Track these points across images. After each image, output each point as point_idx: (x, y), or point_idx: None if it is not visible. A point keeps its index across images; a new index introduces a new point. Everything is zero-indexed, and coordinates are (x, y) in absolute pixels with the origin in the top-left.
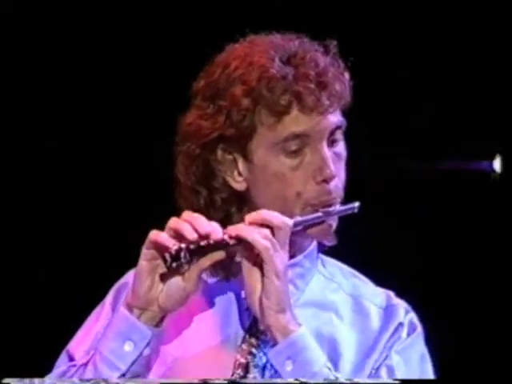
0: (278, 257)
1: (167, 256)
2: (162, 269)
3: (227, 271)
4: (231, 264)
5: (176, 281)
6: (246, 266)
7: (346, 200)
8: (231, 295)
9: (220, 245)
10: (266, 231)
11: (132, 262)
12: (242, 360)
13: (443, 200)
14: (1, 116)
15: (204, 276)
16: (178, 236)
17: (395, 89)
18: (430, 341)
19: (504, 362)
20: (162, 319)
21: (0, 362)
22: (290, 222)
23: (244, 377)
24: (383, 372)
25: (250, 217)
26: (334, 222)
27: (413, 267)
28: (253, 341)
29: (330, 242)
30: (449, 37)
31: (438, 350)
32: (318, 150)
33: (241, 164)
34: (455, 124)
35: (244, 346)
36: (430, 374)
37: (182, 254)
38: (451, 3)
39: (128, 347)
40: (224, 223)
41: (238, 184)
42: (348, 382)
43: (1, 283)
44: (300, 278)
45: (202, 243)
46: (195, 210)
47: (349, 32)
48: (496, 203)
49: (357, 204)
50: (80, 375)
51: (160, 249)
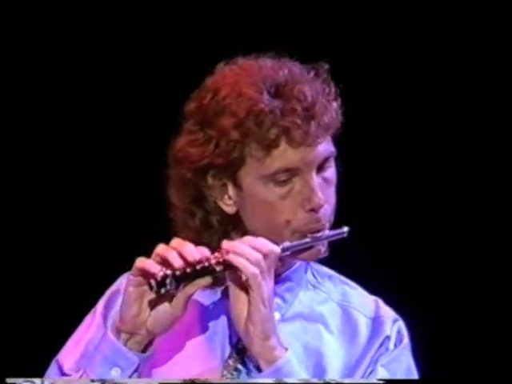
0: (264, 284)
1: (153, 283)
2: (150, 294)
3: (217, 287)
4: (223, 280)
5: (163, 306)
6: (233, 291)
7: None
8: (221, 310)
9: (208, 271)
10: (259, 256)
11: (128, 266)
12: (228, 375)
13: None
14: (1, 116)
15: (196, 294)
16: (165, 262)
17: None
18: (417, 346)
19: (492, 367)
20: (150, 342)
21: (2, 362)
22: (277, 249)
23: None
24: None
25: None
26: (322, 247)
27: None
28: (239, 357)
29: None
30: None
31: (424, 354)
32: (306, 179)
33: (230, 189)
34: None
35: (230, 362)
36: None
37: (168, 281)
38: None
39: (115, 373)
40: (218, 244)
41: (229, 207)
42: (341, 381)
43: (2, 284)
44: (288, 292)
45: (188, 270)
46: (191, 230)
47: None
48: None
49: (346, 229)
50: None
51: (146, 275)
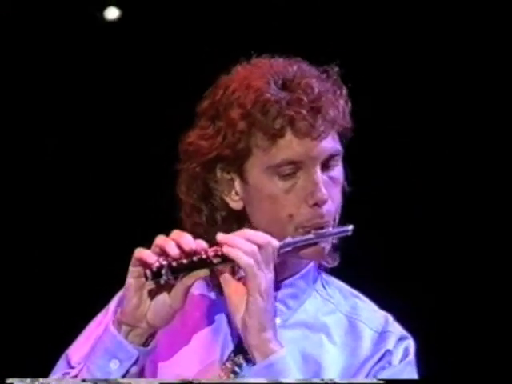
0: (261, 275)
1: (148, 273)
2: (149, 286)
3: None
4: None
5: (163, 298)
6: (231, 283)
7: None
8: (224, 311)
9: (204, 263)
10: (254, 247)
11: None
12: (225, 378)
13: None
14: (1, 116)
15: (201, 290)
16: (163, 252)
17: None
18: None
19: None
20: (151, 336)
21: (3, 362)
22: (275, 242)
23: None
24: None
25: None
26: (327, 245)
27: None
28: (237, 359)
29: (330, 263)
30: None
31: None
32: (310, 174)
33: (237, 184)
34: None
35: (228, 364)
36: None
37: (164, 271)
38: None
39: (114, 365)
40: None
41: (235, 203)
42: (339, 382)
43: (5, 284)
44: (292, 298)
45: (185, 261)
46: (197, 227)
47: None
48: None
49: (350, 227)
50: None
51: (144, 266)
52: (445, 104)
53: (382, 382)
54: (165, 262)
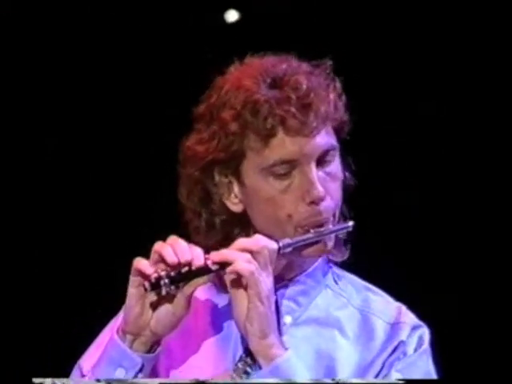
0: (260, 281)
1: (146, 284)
2: (151, 295)
3: None
4: None
5: (165, 307)
6: (232, 291)
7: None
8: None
9: (203, 271)
10: (247, 255)
11: None
12: (237, 379)
13: None
14: (1, 116)
15: (212, 295)
16: (161, 259)
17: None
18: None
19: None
20: (156, 343)
21: (30, 362)
22: (272, 245)
23: None
24: None
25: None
26: (329, 242)
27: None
28: (248, 360)
29: (338, 257)
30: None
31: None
32: (305, 172)
33: (236, 186)
34: None
35: (240, 365)
36: None
37: (162, 282)
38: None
39: (119, 373)
40: (223, 245)
41: (235, 206)
42: (351, 382)
43: (23, 288)
44: (302, 295)
45: (183, 270)
46: (197, 232)
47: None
48: None
49: (351, 223)
50: None
51: (142, 276)
52: (445, 101)
53: (401, 382)
54: (163, 273)
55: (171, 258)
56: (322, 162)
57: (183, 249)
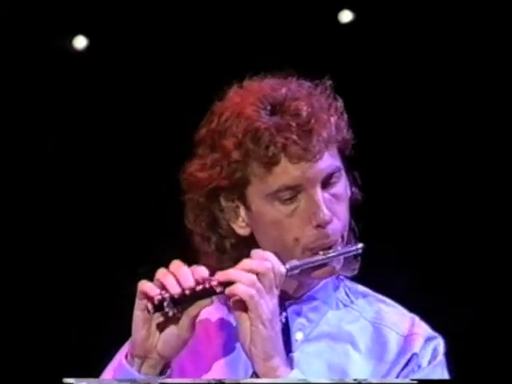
0: (263, 304)
1: (149, 306)
2: (157, 318)
3: None
4: None
5: (170, 329)
6: (236, 313)
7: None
8: None
9: (207, 292)
10: (253, 277)
11: None
12: (243, 380)
13: None
14: (1, 116)
15: (223, 314)
16: (164, 288)
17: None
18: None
19: None
20: (166, 366)
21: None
22: (279, 267)
23: None
24: None
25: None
26: (337, 264)
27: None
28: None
29: (348, 274)
30: None
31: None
32: (311, 195)
33: (242, 211)
34: None
35: None
36: None
37: (166, 304)
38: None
39: None
40: None
41: (242, 230)
42: (356, 382)
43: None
44: (313, 312)
45: (187, 292)
46: (208, 256)
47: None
48: None
49: (360, 245)
50: None
51: (147, 299)
52: (444, 104)
53: (415, 382)
54: (167, 295)
55: (174, 289)
56: (327, 184)
57: (185, 275)
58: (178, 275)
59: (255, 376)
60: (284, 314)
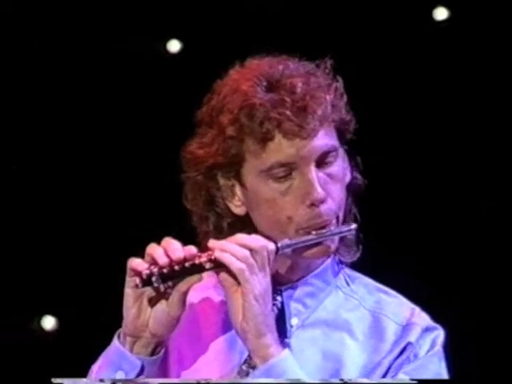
0: (255, 279)
1: (137, 280)
2: (148, 295)
3: None
4: None
5: (161, 306)
6: (227, 289)
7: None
8: None
9: (197, 268)
10: (245, 252)
11: None
12: (241, 380)
13: None
14: (1, 116)
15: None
16: (153, 261)
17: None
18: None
19: None
20: (158, 346)
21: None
22: (271, 245)
23: None
24: None
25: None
26: (332, 244)
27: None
28: (252, 362)
29: (347, 258)
30: None
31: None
32: (305, 174)
33: (238, 189)
34: None
35: (244, 367)
36: None
37: (154, 279)
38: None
39: (119, 376)
40: None
41: (238, 209)
42: (350, 381)
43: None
44: (310, 297)
45: (177, 267)
46: (206, 235)
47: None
48: None
49: (353, 226)
50: None
51: (136, 275)
52: (446, 101)
53: (414, 382)
54: (155, 270)
55: (162, 259)
56: (322, 163)
57: (175, 248)
58: (168, 248)
59: (249, 358)
60: (279, 299)
